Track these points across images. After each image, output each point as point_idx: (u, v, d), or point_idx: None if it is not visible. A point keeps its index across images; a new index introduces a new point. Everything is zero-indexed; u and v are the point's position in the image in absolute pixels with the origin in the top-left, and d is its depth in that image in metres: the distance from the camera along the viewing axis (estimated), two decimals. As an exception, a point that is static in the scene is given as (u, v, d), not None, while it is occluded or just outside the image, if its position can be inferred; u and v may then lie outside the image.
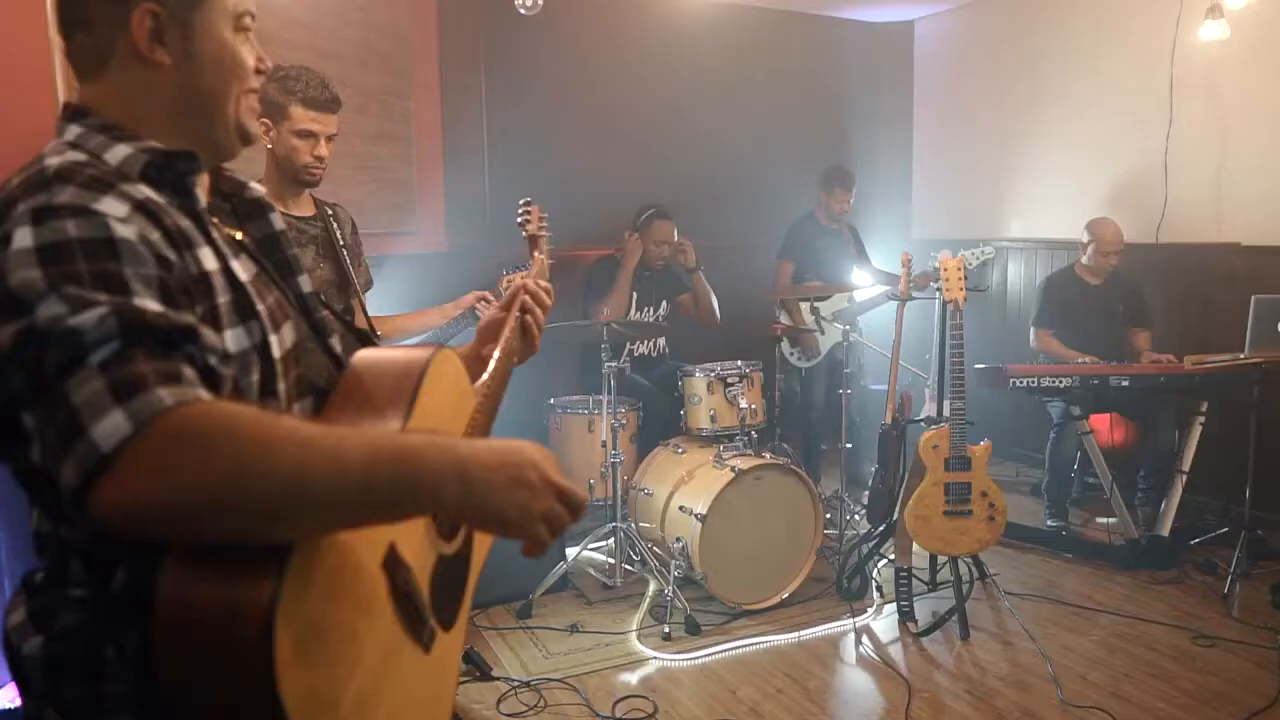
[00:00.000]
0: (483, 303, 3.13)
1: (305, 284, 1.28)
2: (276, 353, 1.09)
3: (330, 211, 2.78)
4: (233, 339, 1.04)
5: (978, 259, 4.71)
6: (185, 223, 1.04)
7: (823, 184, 5.33)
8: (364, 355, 1.21)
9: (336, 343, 1.28)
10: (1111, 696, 3.16)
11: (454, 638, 1.26)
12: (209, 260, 1.04)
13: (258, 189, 1.28)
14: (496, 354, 1.48)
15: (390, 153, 4.82)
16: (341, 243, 2.76)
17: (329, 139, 2.64)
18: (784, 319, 5.14)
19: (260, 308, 1.08)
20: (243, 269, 1.10)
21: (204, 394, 0.90)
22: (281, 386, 1.10)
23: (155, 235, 0.97)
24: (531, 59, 5.42)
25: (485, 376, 1.43)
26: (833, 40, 6.54)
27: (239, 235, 1.19)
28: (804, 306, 5.13)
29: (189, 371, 0.91)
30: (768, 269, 5.41)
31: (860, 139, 6.63)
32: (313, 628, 0.91)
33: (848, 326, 4.56)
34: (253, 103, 1.17)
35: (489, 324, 1.59)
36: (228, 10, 1.11)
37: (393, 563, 1.07)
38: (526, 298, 1.59)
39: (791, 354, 5.20)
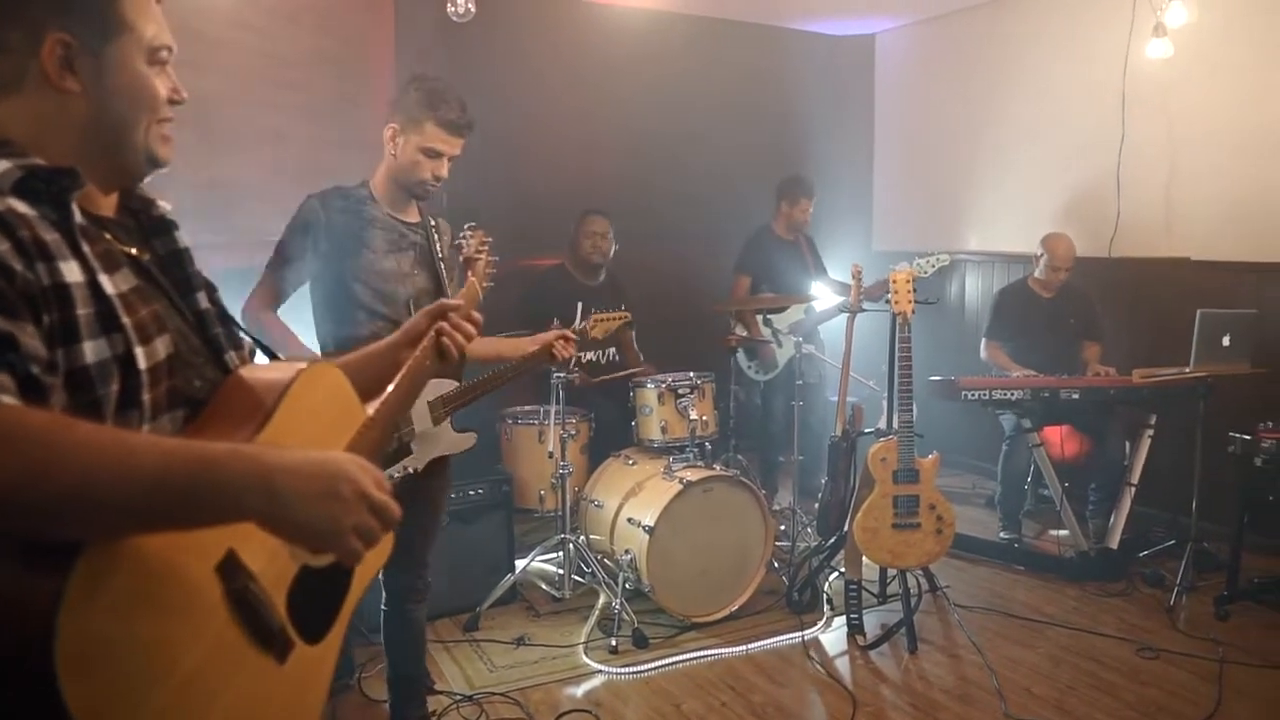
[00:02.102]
0: (561, 341, 2.93)
1: (202, 301, 1.31)
2: (142, 364, 1.10)
3: (433, 223, 2.75)
4: (92, 350, 1.06)
5: (933, 265, 4.73)
6: (52, 236, 1.06)
7: (783, 193, 5.31)
8: (242, 371, 1.26)
9: (234, 358, 1.31)
10: (1055, 709, 3.16)
11: (321, 652, 1.24)
12: (72, 273, 1.06)
13: (164, 207, 1.32)
14: (400, 374, 1.47)
15: (344, 160, 4.76)
16: (440, 255, 2.74)
17: (450, 159, 2.62)
18: (740, 331, 5.13)
19: (126, 321, 1.10)
20: (116, 283, 1.11)
21: (6, 400, 0.93)
22: (146, 397, 1.11)
23: (4, 246, 1.00)
24: (491, 69, 5.40)
25: (383, 395, 1.42)
26: (794, 53, 6.56)
27: (133, 251, 1.22)
28: (760, 319, 5.12)
29: (4, 378, 0.94)
30: (723, 280, 5.41)
31: (821, 152, 6.66)
32: (106, 628, 0.92)
33: (799, 339, 4.56)
34: (165, 130, 1.23)
35: (410, 329, 1.61)
36: (142, 44, 1.18)
37: (230, 568, 1.07)
38: (444, 324, 1.58)
39: (749, 367, 5.20)
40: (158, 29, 1.20)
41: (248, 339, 1.44)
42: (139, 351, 1.10)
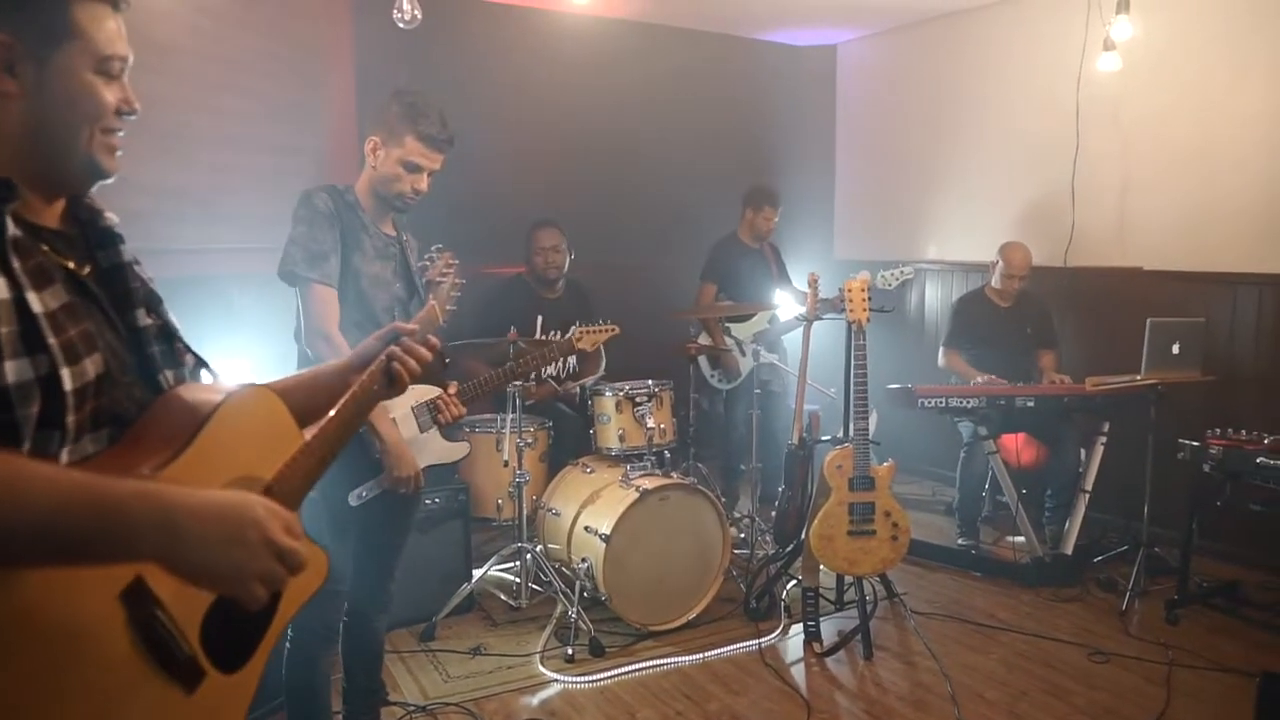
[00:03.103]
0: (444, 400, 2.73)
1: (141, 318, 1.29)
2: (67, 385, 1.08)
3: (405, 238, 2.72)
4: (13, 369, 1.04)
5: (897, 279, 4.76)
6: None
7: (749, 202, 5.31)
8: (178, 390, 1.25)
9: (169, 377, 1.30)
10: (1007, 715, 3.18)
11: (239, 680, 1.23)
12: None
13: (111, 219, 1.31)
14: (343, 400, 1.43)
15: (298, 166, 4.72)
16: (413, 269, 2.72)
17: (430, 174, 2.60)
18: (704, 339, 5.14)
19: (52, 341, 1.08)
20: (44, 300, 1.09)
21: None
22: (70, 419, 1.09)
23: None
24: (450, 76, 5.38)
25: (323, 421, 1.40)
26: (757, 63, 6.61)
27: (71, 264, 1.20)
28: (731, 327, 5.12)
29: None
30: (685, 288, 5.41)
31: (783, 161, 6.70)
32: None
33: (758, 347, 4.58)
34: (111, 141, 1.22)
35: (363, 351, 1.57)
36: (90, 53, 1.17)
37: (135, 596, 1.06)
38: (395, 349, 1.52)
39: (712, 375, 5.20)
40: (111, 39, 1.19)
41: (191, 357, 1.41)
42: (65, 373, 1.08)
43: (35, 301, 1.07)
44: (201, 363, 1.45)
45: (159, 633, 1.08)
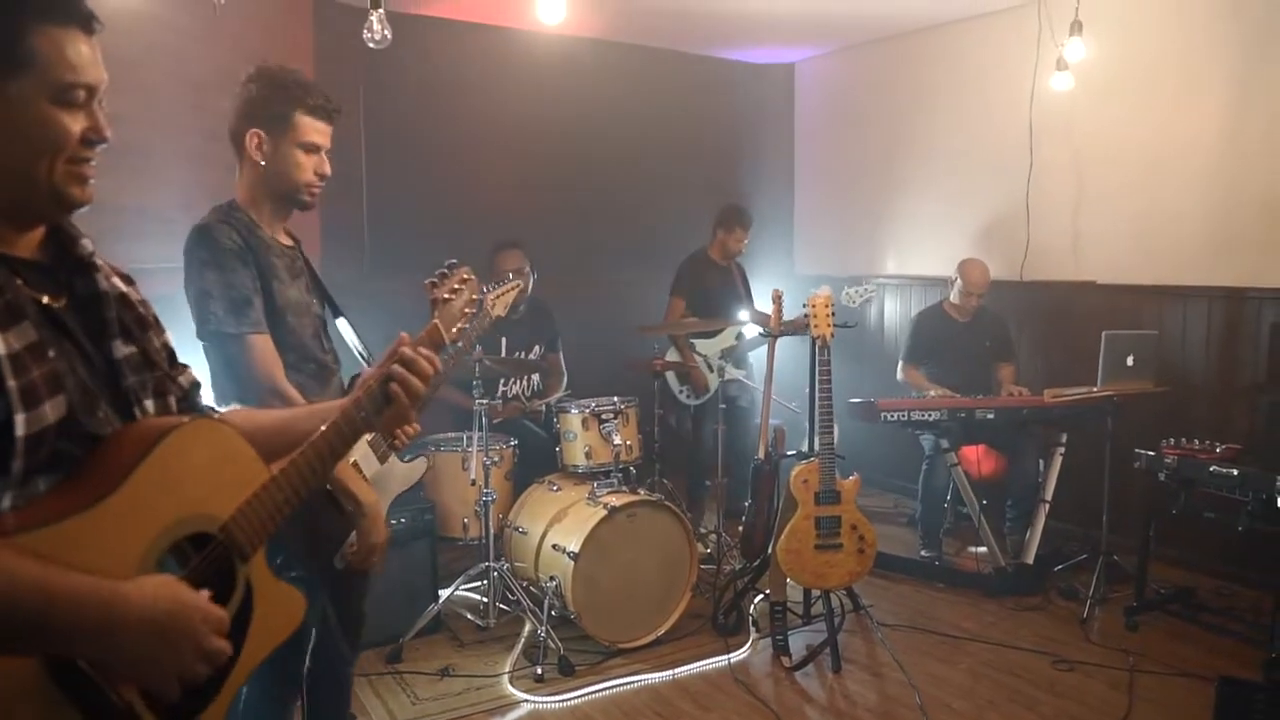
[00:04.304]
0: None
1: (118, 349, 1.25)
2: (19, 431, 1.06)
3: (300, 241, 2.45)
4: None
5: (862, 296, 4.81)
6: None
7: (721, 222, 5.35)
8: (132, 425, 1.22)
9: (150, 407, 1.27)
10: (974, 724, 3.22)
11: None
12: None
13: (87, 246, 1.27)
14: (325, 426, 1.38)
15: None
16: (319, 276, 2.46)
17: (328, 153, 2.29)
18: (671, 355, 5.16)
19: (11, 384, 1.05)
20: (9, 340, 1.07)
21: None
22: (17, 465, 1.07)
23: None
24: (413, 91, 5.37)
25: (298, 449, 1.34)
26: (716, 81, 6.67)
27: (44, 299, 1.17)
28: (697, 343, 5.14)
29: None
30: (648, 304, 5.43)
31: (743, 177, 6.77)
32: None
33: (722, 364, 4.60)
34: (81, 170, 1.17)
35: (362, 381, 1.52)
36: (47, 82, 1.12)
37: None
38: (396, 367, 1.43)
39: (680, 391, 5.22)
40: (75, 66, 1.14)
41: (180, 385, 1.38)
42: (19, 418, 1.05)
43: (0, 343, 1.05)
44: (194, 387, 1.41)
45: (83, 683, 1.05)
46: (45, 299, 1.17)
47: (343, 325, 2.39)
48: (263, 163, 2.20)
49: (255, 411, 1.63)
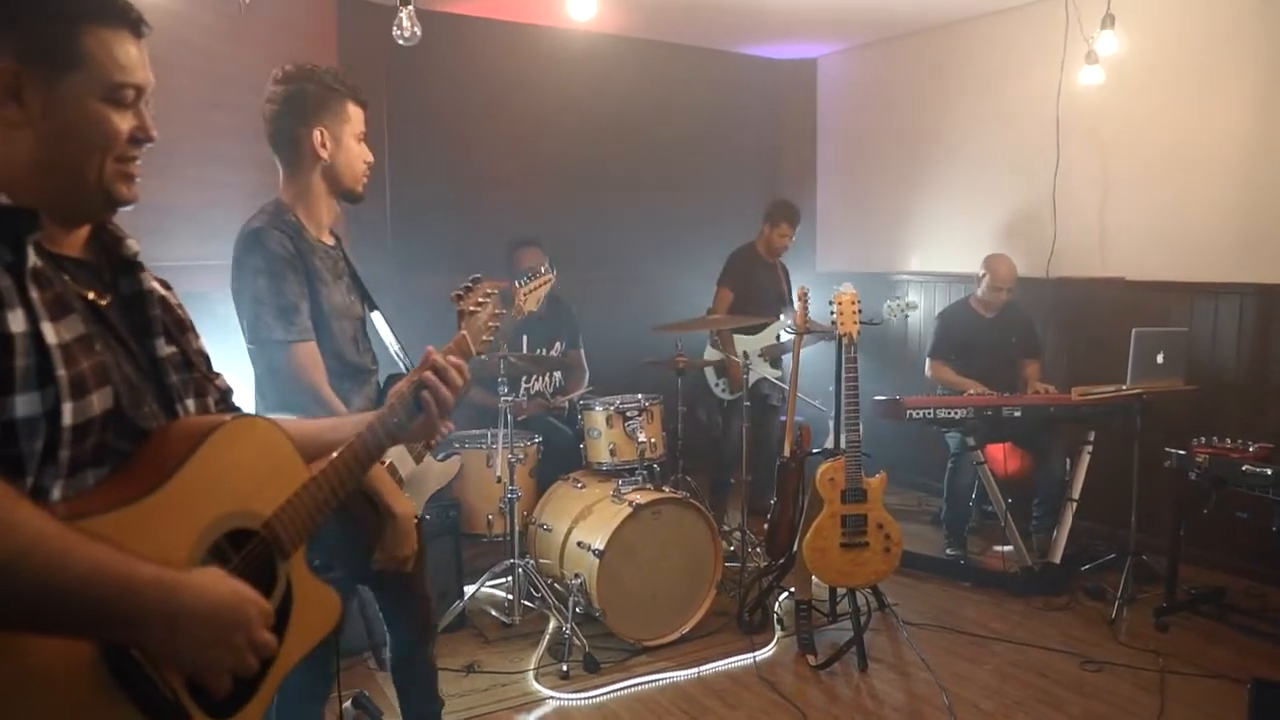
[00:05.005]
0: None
1: (161, 348, 1.27)
2: (66, 420, 1.07)
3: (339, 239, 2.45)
4: (24, 404, 1.03)
5: (902, 310, 4.75)
6: (5, 282, 1.04)
7: (767, 216, 5.34)
8: (177, 421, 1.23)
9: (189, 408, 1.29)
10: (1003, 725, 3.20)
11: None
12: (16, 322, 1.03)
13: (132, 246, 1.29)
14: (360, 432, 1.41)
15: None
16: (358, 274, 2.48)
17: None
18: (709, 352, 5.13)
19: (60, 373, 1.06)
20: (59, 332, 1.08)
21: None
22: (64, 454, 1.07)
23: None
24: (435, 88, 5.38)
25: (335, 453, 1.37)
26: (738, 77, 6.64)
27: (90, 295, 1.19)
28: (737, 339, 5.13)
29: None
30: (669, 300, 5.42)
31: (765, 173, 6.75)
32: None
33: (750, 363, 4.59)
34: (128, 169, 1.20)
35: (395, 390, 1.54)
36: (98, 81, 1.15)
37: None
38: (429, 373, 1.48)
39: (717, 385, 5.21)
40: (125, 66, 1.17)
41: (218, 388, 1.40)
42: (66, 407, 1.06)
43: (50, 333, 1.06)
44: (229, 392, 1.43)
45: (135, 674, 1.05)
46: (91, 295, 1.19)
47: (378, 320, 2.40)
48: (327, 158, 2.21)
49: (291, 420, 1.65)
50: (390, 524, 2.14)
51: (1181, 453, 3.85)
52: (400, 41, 2.79)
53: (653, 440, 4.08)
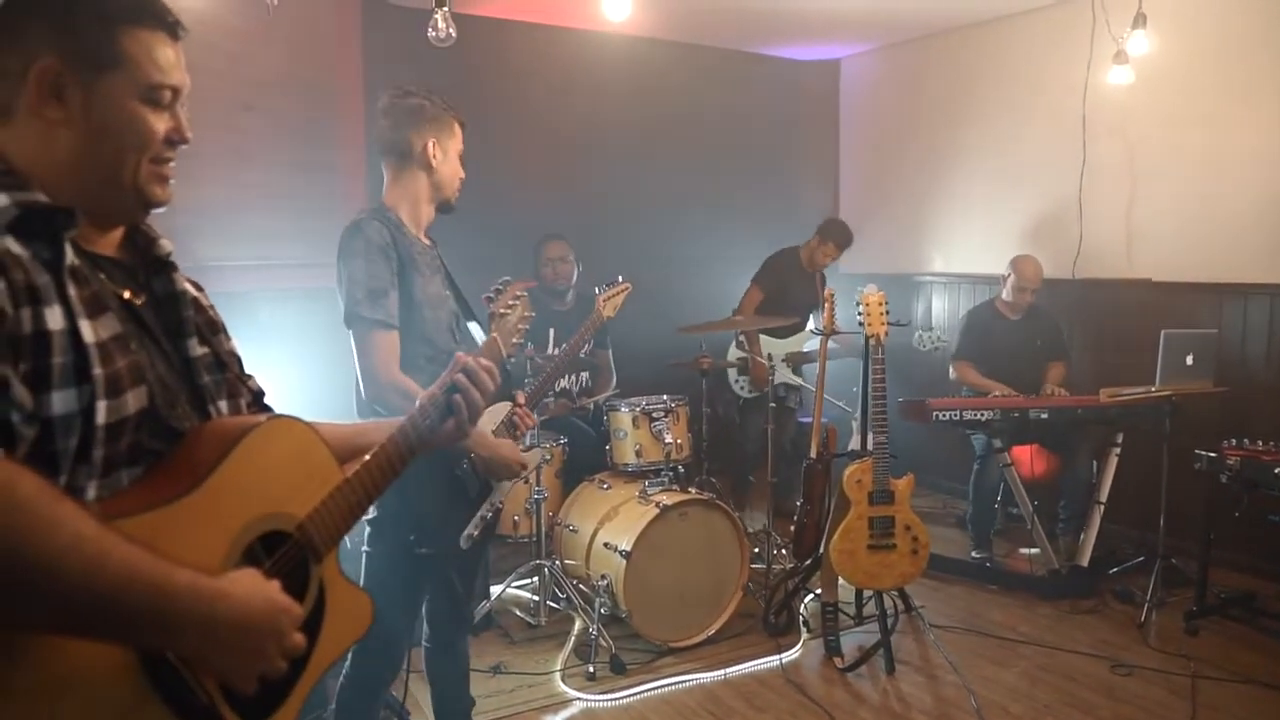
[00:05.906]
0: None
1: (193, 349, 1.28)
2: (100, 419, 1.07)
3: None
4: (60, 401, 1.03)
5: (933, 342, 4.71)
6: (44, 279, 1.04)
7: (820, 231, 5.34)
8: (211, 422, 1.23)
9: (222, 409, 1.29)
10: (1033, 728, 3.18)
11: None
12: (54, 319, 1.04)
13: (165, 246, 1.30)
14: (391, 435, 1.42)
15: (311, 181, 4.72)
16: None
17: None
18: (734, 351, 5.14)
19: (97, 371, 1.06)
20: (96, 330, 1.08)
21: None
22: (98, 453, 1.07)
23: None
24: (460, 90, 5.37)
25: (368, 455, 1.37)
26: (761, 77, 6.63)
27: (126, 294, 1.20)
28: (764, 340, 5.12)
29: None
30: (694, 302, 5.42)
31: (786, 175, 6.73)
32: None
33: (774, 367, 4.59)
34: (163, 170, 1.20)
35: (426, 393, 1.54)
36: (136, 81, 1.16)
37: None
38: (460, 376, 1.48)
39: (737, 382, 5.21)
40: (162, 68, 1.18)
41: (250, 389, 1.40)
42: (100, 405, 1.07)
43: (88, 331, 1.07)
44: (261, 394, 1.43)
45: (172, 678, 1.06)
46: (127, 294, 1.20)
47: (475, 331, 2.48)
48: (435, 169, 2.45)
49: (324, 422, 1.66)
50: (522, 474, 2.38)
51: (1212, 455, 3.81)
52: (435, 43, 2.81)
53: (679, 441, 4.08)
